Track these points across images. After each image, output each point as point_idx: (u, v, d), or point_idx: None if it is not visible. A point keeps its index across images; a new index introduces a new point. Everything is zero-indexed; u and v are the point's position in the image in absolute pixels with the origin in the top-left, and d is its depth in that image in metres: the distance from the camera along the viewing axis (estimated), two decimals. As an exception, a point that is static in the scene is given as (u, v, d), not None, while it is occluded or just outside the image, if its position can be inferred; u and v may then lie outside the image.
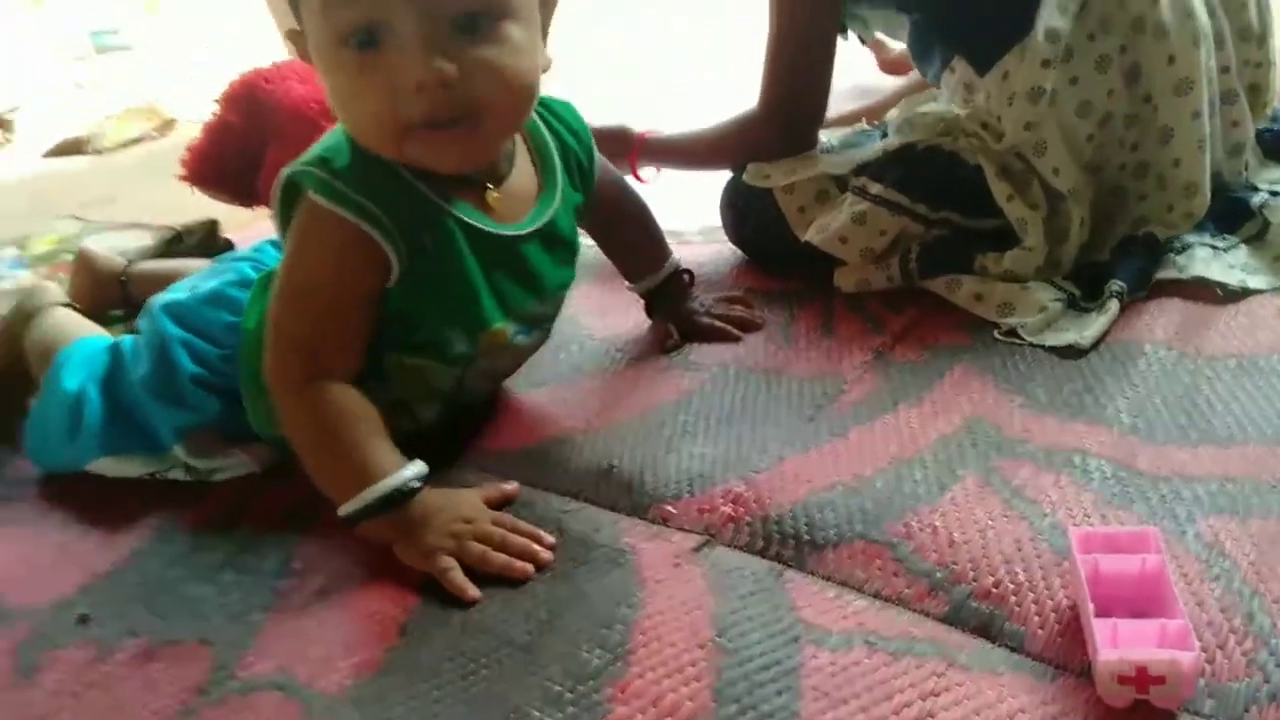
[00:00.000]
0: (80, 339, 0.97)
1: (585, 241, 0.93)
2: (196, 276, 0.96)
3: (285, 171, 0.73)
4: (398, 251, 0.72)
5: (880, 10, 1.11)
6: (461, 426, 0.89)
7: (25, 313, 1.04)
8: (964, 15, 1.01)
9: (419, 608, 0.69)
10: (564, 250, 0.85)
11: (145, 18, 5.04)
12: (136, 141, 2.93)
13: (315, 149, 0.73)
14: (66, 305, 1.07)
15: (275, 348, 0.74)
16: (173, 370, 0.84)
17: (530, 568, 0.70)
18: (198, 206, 1.51)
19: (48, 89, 3.94)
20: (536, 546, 0.71)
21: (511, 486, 0.79)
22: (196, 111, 3.03)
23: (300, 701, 0.63)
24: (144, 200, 2.12)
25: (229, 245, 1.45)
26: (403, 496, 0.71)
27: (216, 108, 1.39)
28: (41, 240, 1.53)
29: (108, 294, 1.20)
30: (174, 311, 0.88)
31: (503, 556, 0.70)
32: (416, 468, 0.73)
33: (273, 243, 0.94)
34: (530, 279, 0.81)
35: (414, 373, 0.80)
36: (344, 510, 0.72)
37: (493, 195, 0.78)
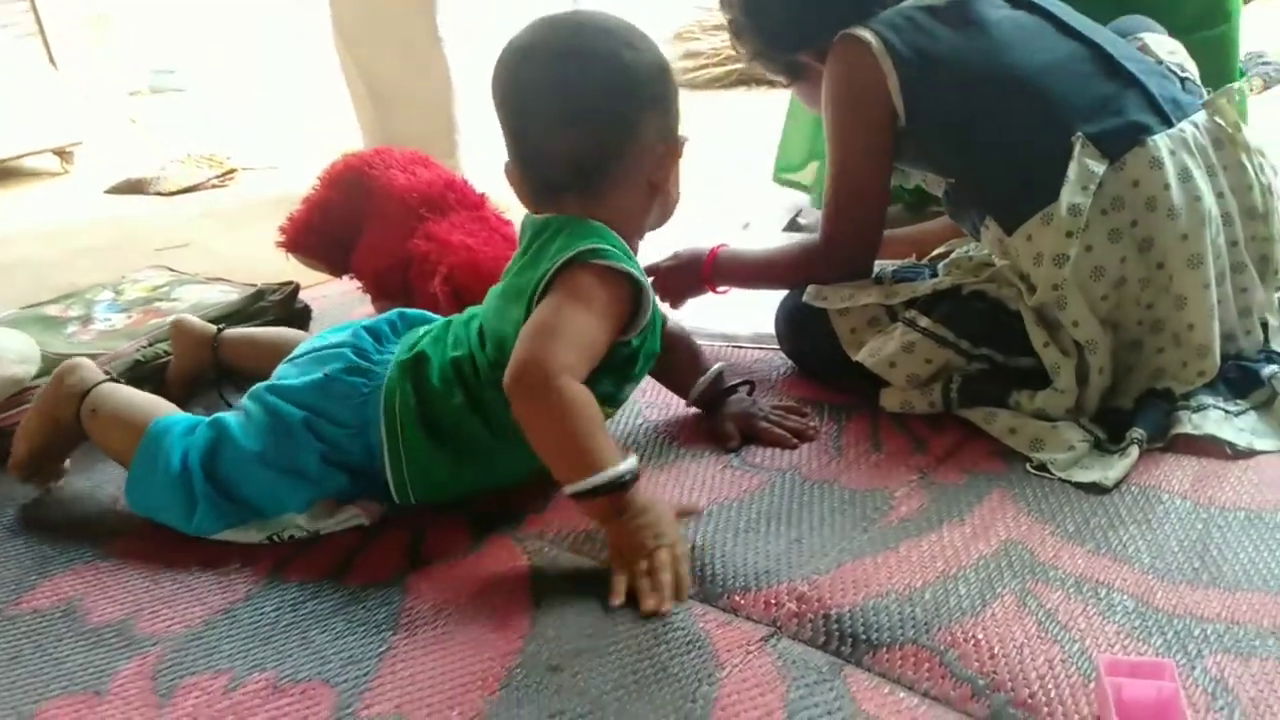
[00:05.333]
0: (168, 415, 1.04)
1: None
2: (300, 362, 1.04)
3: (577, 251, 0.91)
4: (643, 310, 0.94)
5: (918, 169, 1.24)
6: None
7: (71, 390, 1.06)
8: (992, 183, 1.13)
9: (518, 665, 0.78)
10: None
11: (202, 59, 5.25)
12: (195, 187, 3.05)
13: (591, 242, 0.92)
14: (111, 379, 1.11)
15: (551, 345, 0.87)
16: (299, 448, 0.95)
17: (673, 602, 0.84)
18: (267, 260, 1.62)
19: (106, 124, 4.09)
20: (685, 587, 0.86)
21: (698, 506, 0.98)
22: (254, 160, 3.20)
23: (418, 742, 0.72)
24: (214, 249, 2.24)
25: (307, 307, 1.57)
26: (623, 485, 0.86)
27: (317, 182, 1.51)
28: (135, 287, 1.64)
29: (202, 356, 1.30)
30: (289, 397, 0.98)
31: (669, 577, 0.84)
32: (631, 462, 0.87)
33: (365, 327, 1.06)
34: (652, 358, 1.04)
35: None
36: (572, 489, 0.86)
37: None
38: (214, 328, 1.31)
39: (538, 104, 0.96)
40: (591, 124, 0.96)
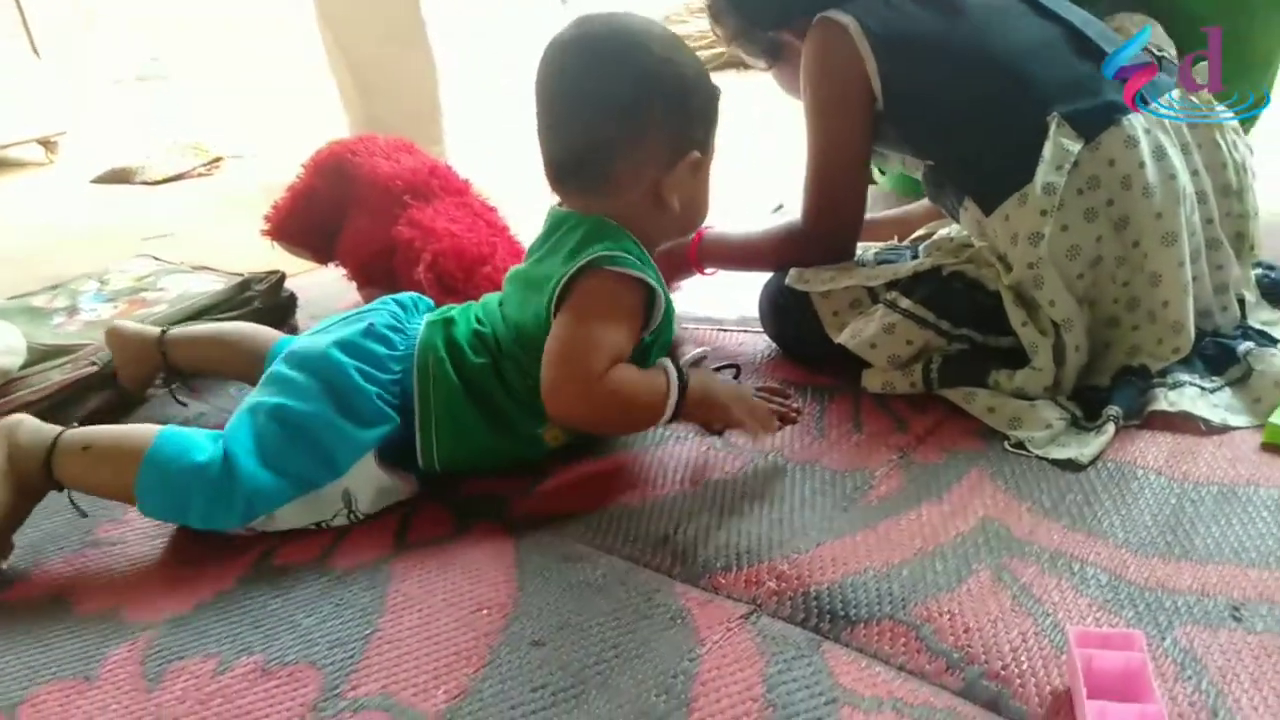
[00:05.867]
0: (159, 431, 0.97)
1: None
2: (330, 328, 1.07)
3: (591, 258, 0.94)
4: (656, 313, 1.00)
5: (897, 152, 1.24)
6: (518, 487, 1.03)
7: (31, 444, 0.97)
8: (970, 164, 1.14)
9: (502, 643, 0.80)
10: None
11: (184, 47, 5.21)
12: (181, 176, 3.04)
13: (606, 246, 0.96)
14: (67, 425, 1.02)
15: (579, 366, 0.92)
16: (354, 393, 0.97)
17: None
18: (251, 246, 1.61)
19: (90, 113, 4.07)
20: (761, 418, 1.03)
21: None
22: (239, 148, 3.19)
23: (403, 721, 0.73)
24: (200, 238, 2.24)
25: (293, 296, 1.57)
26: (684, 388, 0.97)
27: (302, 171, 1.51)
28: (121, 277, 1.63)
29: (146, 359, 1.26)
30: (342, 346, 1.01)
31: (747, 419, 1.02)
32: (671, 369, 0.98)
33: (392, 301, 1.12)
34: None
35: None
36: (663, 421, 0.98)
37: None
38: (155, 330, 1.27)
39: (554, 90, 1.01)
40: (594, 117, 0.99)
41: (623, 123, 0.99)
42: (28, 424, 1.00)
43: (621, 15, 1.03)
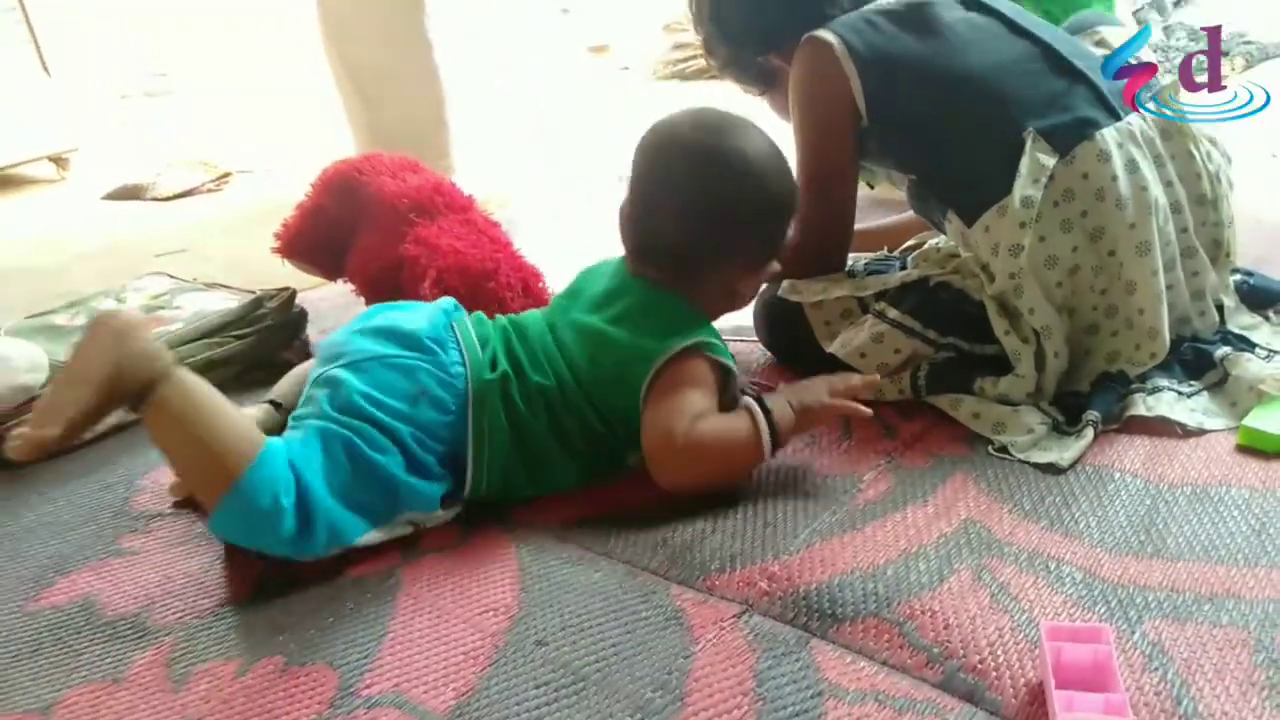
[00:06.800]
0: (257, 456, 0.92)
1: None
2: (387, 364, 1.02)
3: (691, 343, 1.03)
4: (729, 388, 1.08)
5: (882, 166, 1.29)
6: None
7: (139, 373, 0.91)
8: (951, 178, 1.18)
9: (507, 643, 0.84)
10: None
11: (189, 61, 5.28)
12: (191, 192, 3.09)
13: (700, 333, 1.04)
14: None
15: (680, 416, 0.99)
16: (415, 456, 0.99)
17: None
18: (261, 261, 1.65)
19: (100, 129, 4.13)
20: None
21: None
22: (247, 163, 3.24)
23: (415, 716, 0.77)
24: (211, 255, 2.29)
25: (303, 312, 1.62)
26: (769, 416, 1.02)
27: (310, 189, 1.55)
28: (138, 295, 1.68)
29: None
30: (397, 415, 0.99)
31: (837, 410, 1.06)
32: (750, 402, 1.03)
33: (427, 336, 1.06)
34: None
35: None
36: (769, 455, 1.02)
37: None
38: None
39: (669, 186, 1.08)
40: (703, 230, 1.07)
41: (726, 237, 1.08)
42: (142, 337, 0.94)
43: (738, 122, 1.10)
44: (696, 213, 1.07)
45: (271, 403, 1.16)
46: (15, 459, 0.90)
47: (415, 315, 1.08)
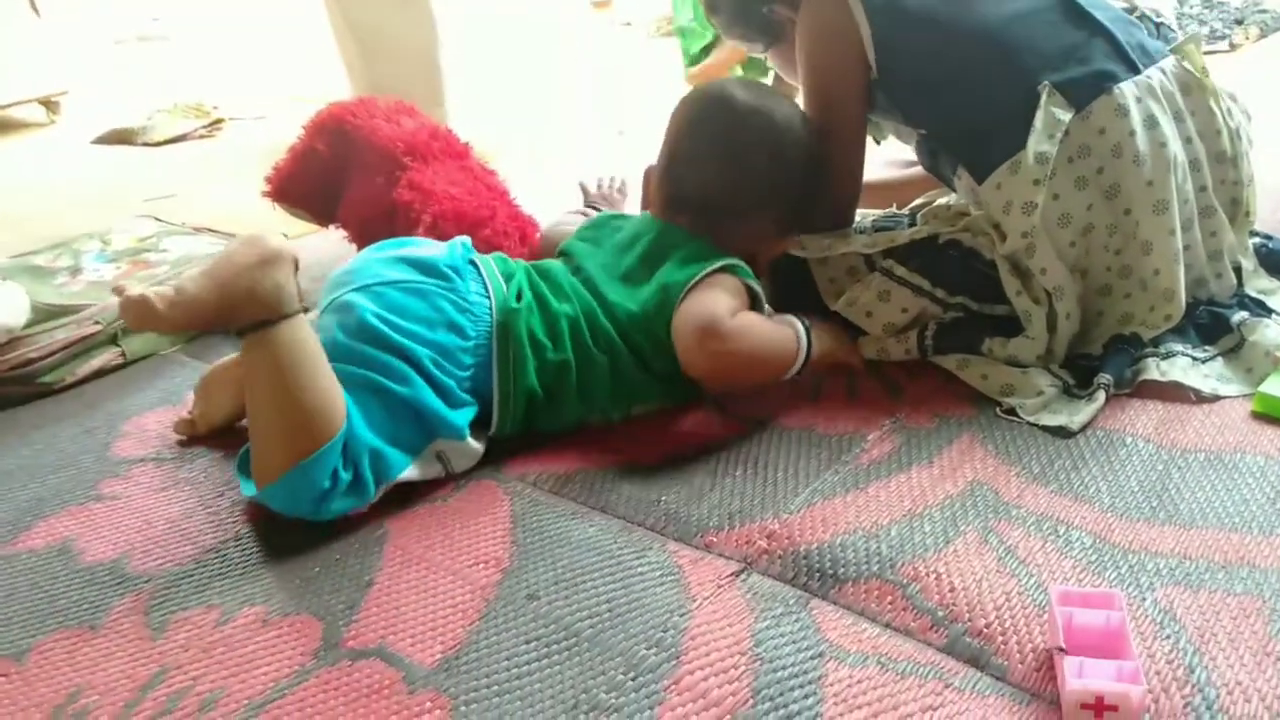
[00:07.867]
0: (336, 432, 0.90)
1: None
2: (403, 287, 1.00)
3: (728, 263, 1.07)
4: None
5: (890, 120, 1.25)
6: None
7: (265, 309, 0.91)
8: (962, 132, 1.14)
9: (498, 597, 0.81)
10: None
11: (185, 8, 5.19)
12: (183, 137, 3.04)
13: (733, 258, 1.08)
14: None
15: (719, 305, 1.01)
16: (438, 382, 0.96)
17: None
18: (252, 207, 1.61)
19: (91, 73, 4.06)
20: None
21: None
22: (241, 109, 3.18)
23: (401, 670, 0.75)
24: (201, 199, 2.24)
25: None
26: (808, 338, 1.07)
27: (302, 132, 1.51)
28: (123, 237, 1.64)
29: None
30: (415, 338, 0.96)
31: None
32: (797, 322, 1.08)
33: (447, 264, 1.04)
34: None
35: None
36: (795, 370, 1.06)
37: None
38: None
39: (705, 134, 1.14)
40: (735, 172, 1.13)
41: (752, 189, 1.13)
42: (285, 273, 0.92)
43: (792, 103, 1.19)
44: (729, 154, 1.12)
45: None
46: (122, 316, 0.94)
47: (431, 247, 1.07)
